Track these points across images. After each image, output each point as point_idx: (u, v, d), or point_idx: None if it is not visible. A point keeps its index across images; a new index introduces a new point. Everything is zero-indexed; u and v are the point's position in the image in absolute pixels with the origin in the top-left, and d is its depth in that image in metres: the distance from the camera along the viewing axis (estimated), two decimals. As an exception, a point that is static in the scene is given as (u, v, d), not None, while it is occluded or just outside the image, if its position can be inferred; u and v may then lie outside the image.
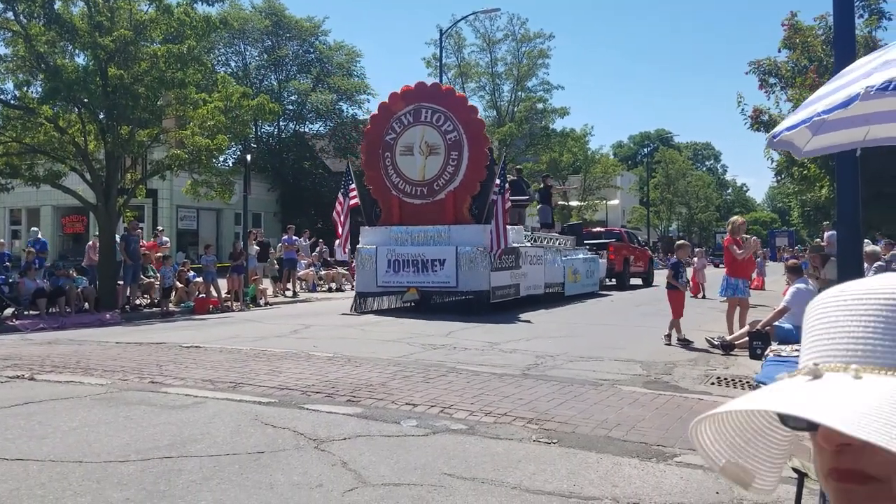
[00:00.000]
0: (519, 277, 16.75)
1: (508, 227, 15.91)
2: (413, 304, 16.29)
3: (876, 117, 3.91)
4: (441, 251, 15.59)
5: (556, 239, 20.60)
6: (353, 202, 16.89)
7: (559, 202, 26.78)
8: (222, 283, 18.29)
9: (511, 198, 16.55)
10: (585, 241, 23.16)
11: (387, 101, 17.31)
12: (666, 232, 71.74)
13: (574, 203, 48.33)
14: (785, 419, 0.76)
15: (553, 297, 18.56)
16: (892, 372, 0.68)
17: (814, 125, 3.90)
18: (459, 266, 15.33)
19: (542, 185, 23.39)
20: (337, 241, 17.45)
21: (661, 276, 31.63)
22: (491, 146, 18.13)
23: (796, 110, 4.41)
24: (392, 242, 16.25)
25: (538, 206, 22.63)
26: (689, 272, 21.37)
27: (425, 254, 15.72)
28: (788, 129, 4.36)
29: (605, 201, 53.51)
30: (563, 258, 19.71)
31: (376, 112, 17.60)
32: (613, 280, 24.72)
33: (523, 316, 14.87)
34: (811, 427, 0.71)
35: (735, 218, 12.24)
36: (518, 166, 26.13)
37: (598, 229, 30.44)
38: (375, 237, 16.65)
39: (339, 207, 16.92)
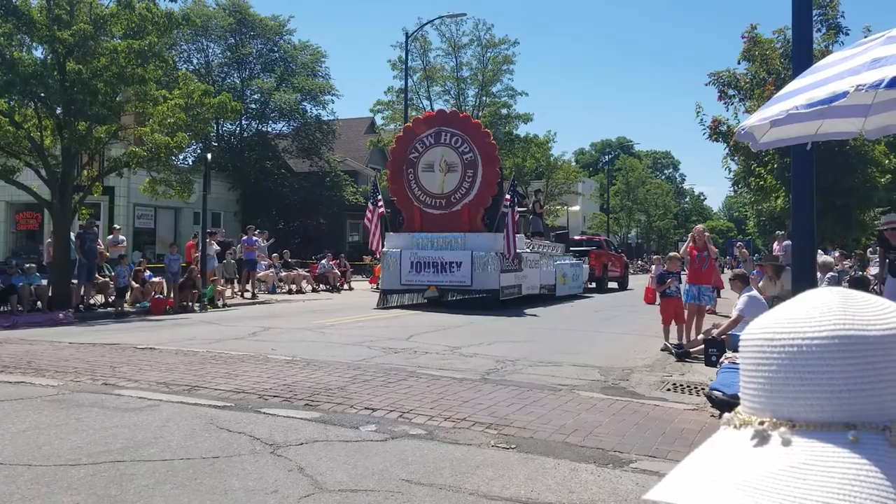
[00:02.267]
0: (521, 279, 19.06)
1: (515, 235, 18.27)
2: (427, 300, 18.03)
3: (830, 112, 4.00)
4: (458, 255, 17.80)
5: (549, 246, 22.94)
6: (380, 211, 19.04)
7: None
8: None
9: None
10: (570, 249, 25.58)
11: (410, 124, 20.39)
12: (625, 238, 72.54)
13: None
14: None
15: (546, 298, 20.69)
16: (804, 427, 0.68)
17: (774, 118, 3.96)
18: (474, 268, 17.55)
19: (534, 199, 25.96)
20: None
21: (633, 280, 32.54)
22: (502, 165, 20.47)
23: (770, 103, 4.44)
24: (414, 247, 18.37)
25: (530, 217, 24.75)
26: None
27: (444, 257, 17.94)
28: (761, 121, 4.42)
29: (566, 207, 53.89)
30: (555, 263, 22.05)
31: (401, 134, 20.33)
32: (594, 284, 26.78)
33: (528, 311, 17.14)
34: None
35: (697, 227, 12.45)
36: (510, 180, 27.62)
37: (580, 237, 32.56)
38: (399, 242, 18.76)
39: (368, 215, 19.13)
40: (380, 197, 19.23)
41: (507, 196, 17.96)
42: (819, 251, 12.16)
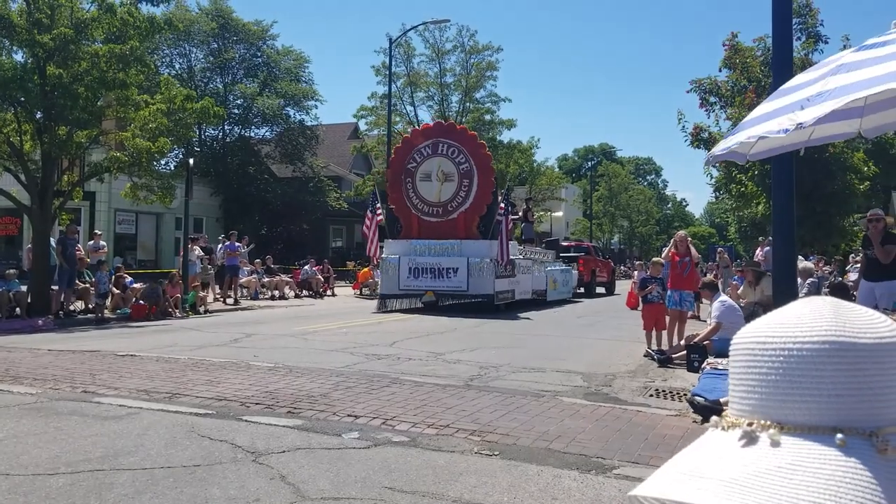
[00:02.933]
0: (514, 284, 19.83)
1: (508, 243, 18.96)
2: (424, 304, 18.64)
3: (823, 117, 4.05)
4: (454, 261, 18.51)
5: (540, 253, 23.89)
6: (379, 219, 19.84)
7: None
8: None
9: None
10: (559, 255, 26.39)
11: (409, 135, 21.50)
12: (608, 244, 72.90)
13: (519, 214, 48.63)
14: None
15: (537, 302, 21.44)
16: (789, 429, 0.69)
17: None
18: (470, 274, 18.28)
19: (525, 207, 26.72)
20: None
21: (619, 285, 32.74)
22: (496, 175, 21.19)
23: (732, 131, 4.54)
24: (412, 253, 19.10)
25: (522, 225, 25.85)
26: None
27: (441, 263, 18.66)
28: (723, 150, 4.50)
29: (549, 213, 54.06)
30: (546, 269, 22.81)
31: (399, 145, 21.12)
32: (582, 289, 27.46)
33: (522, 315, 17.91)
34: None
35: (679, 233, 12.49)
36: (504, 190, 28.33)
37: (569, 244, 33.20)
38: (398, 248, 19.48)
39: (367, 223, 19.99)
40: (378, 205, 19.98)
41: (501, 205, 18.68)
42: (799, 257, 12.26)
